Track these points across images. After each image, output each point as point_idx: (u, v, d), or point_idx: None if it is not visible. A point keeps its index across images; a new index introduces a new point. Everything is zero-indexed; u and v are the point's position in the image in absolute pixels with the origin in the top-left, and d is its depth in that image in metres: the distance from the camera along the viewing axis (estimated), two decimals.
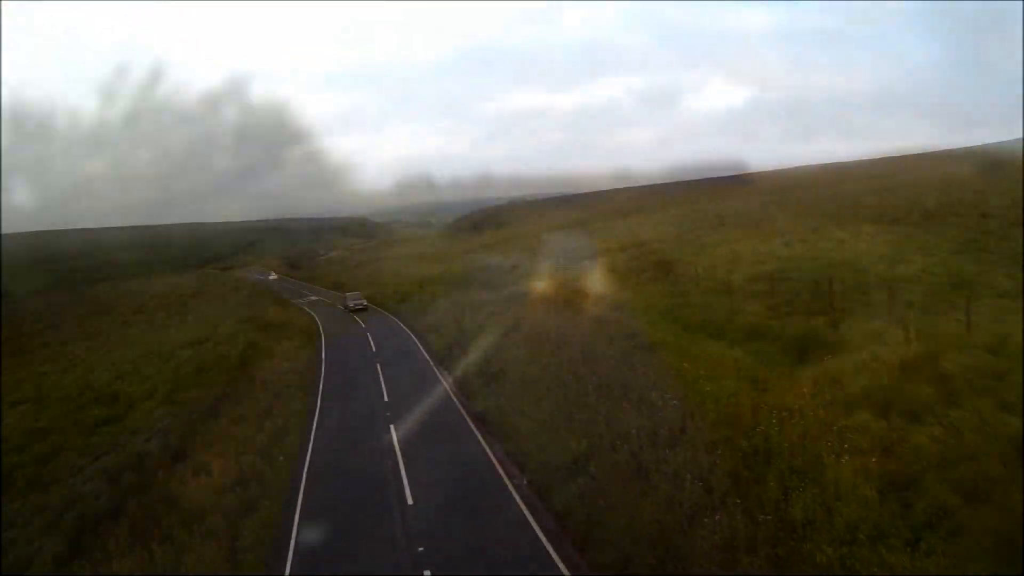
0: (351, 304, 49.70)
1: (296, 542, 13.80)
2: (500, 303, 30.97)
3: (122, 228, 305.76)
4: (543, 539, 12.72)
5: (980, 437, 10.93)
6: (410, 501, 15.02)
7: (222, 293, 69.90)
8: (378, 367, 29.09)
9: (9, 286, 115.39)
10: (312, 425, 21.64)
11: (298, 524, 14.60)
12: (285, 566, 12.92)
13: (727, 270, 25.28)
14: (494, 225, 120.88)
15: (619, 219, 75.99)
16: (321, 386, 26.99)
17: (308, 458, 18.61)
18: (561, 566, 11.78)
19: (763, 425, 11.67)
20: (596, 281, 30.90)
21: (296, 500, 15.86)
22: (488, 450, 17.68)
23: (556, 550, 12.28)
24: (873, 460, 10.53)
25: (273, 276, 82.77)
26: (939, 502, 9.78)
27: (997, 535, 9.20)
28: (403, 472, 16.68)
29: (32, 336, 54.20)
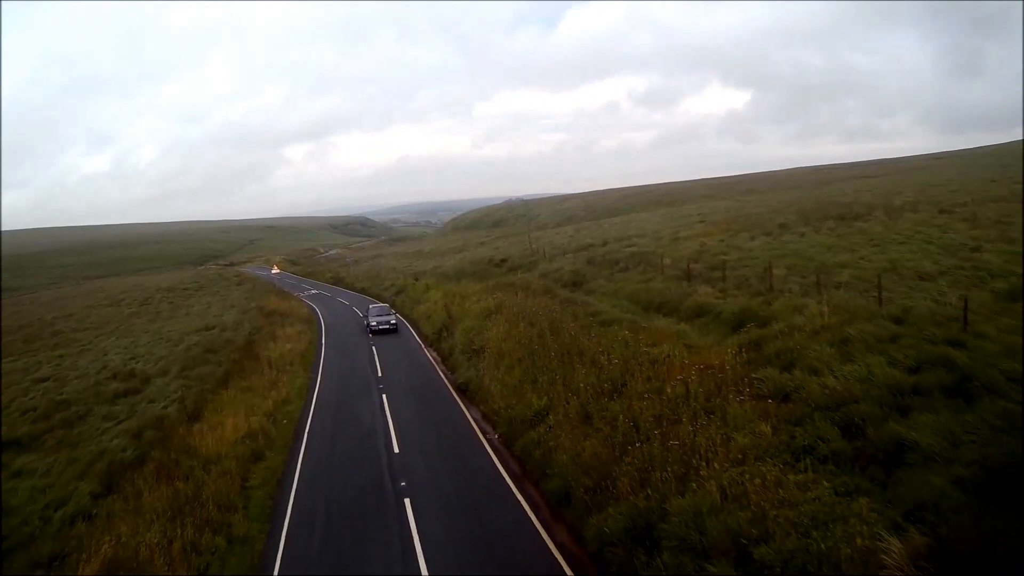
0: (374, 323, 35.52)
1: (297, 481, 16.19)
2: (486, 292, 33.31)
3: (122, 226, 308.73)
4: (505, 475, 15.18)
5: (865, 386, 13.23)
6: (396, 450, 17.43)
7: (225, 287, 72.17)
8: (373, 348, 31.48)
9: (15, 280, 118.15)
10: (313, 394, 24.05)
11: (300, 468, 16.99)
12: (288, 499, 15.30)
13: (692, 260, 27.60)
14: (491, 224, 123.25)
15: (609, 217, 78.34)
16: (321, 363, 29.39)
17: (309, 420, 21.00)
18: (517, 494, 14.22)
19: (684, 376, 14.00)
20: (572, 271, 33.30)
21: (298, 451, 18.27)
22: (466, 412, 20.13)
23: (514, 482, 14.76)
24: (770, 402, 12.86)
25: (276, 270, 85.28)
26: (820, 434, 12.09)
27: (864, 458, 11.55)
28: (391, 429, 19.10)
29: (44, 325, 56.44)
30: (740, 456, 11.63)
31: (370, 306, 40.66)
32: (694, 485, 11.02)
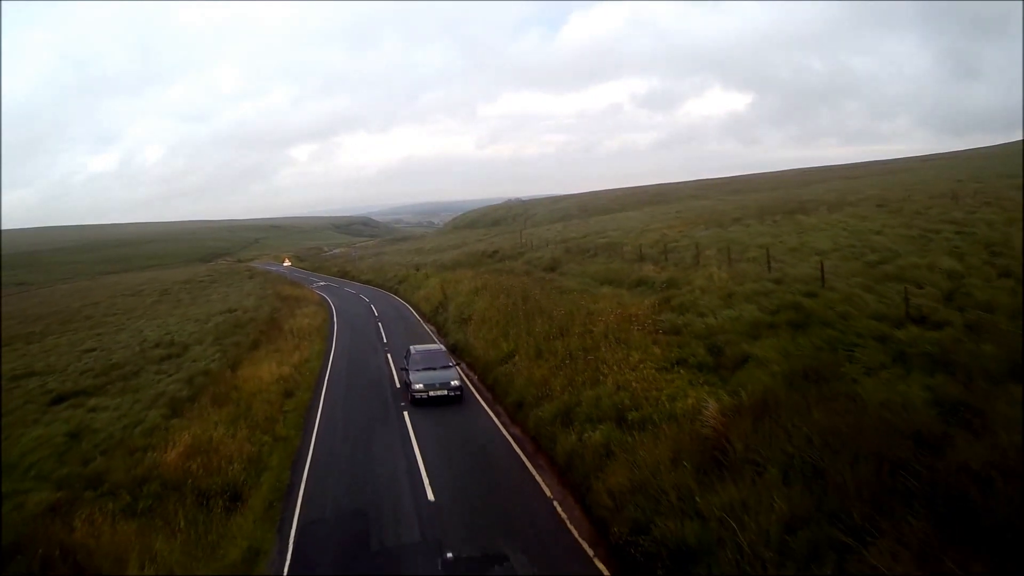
0: (419, 385, 20.02)
1: (322, 407, 21.25)
2: (477, 276, 38.39)
3: (127, 225, 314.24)
4: (479, 398, 20.28)
5: (734, 323, 18.21)
6: (397, 386, 22.49)
7: (239, 279, 77.18)
8: (379, 325, 36.56)
9: (28, 275, 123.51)
10: (329, 356, 29.14)
11: (323, 399, 22.04)
12: (315, 417, 20.32)
13: (649, 247, 32.64)
14: (489, 223, 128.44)
15: (599, 215, 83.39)
16: (335, 335, 34.51)
17: (328, 372, 26.09)
18: (487, 409, 19.29)
19: (606, 320, 19.05)
20: (551, 258, 38.47)
21: (320, 390, 23.35)
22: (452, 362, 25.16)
23: (485, 403, 19.85)
24: (661, 334, 17.88)
25: (287, 263, 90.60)
26: (692, 352, 17.04)
27: (720, 367, 16.45)
28: (394, 374, 24.18)
29: (74, 311, 61.42)
30: (634, 365, 16.66)
31: (412, 348, 22.70)
32: (600, 383, 16.05)
